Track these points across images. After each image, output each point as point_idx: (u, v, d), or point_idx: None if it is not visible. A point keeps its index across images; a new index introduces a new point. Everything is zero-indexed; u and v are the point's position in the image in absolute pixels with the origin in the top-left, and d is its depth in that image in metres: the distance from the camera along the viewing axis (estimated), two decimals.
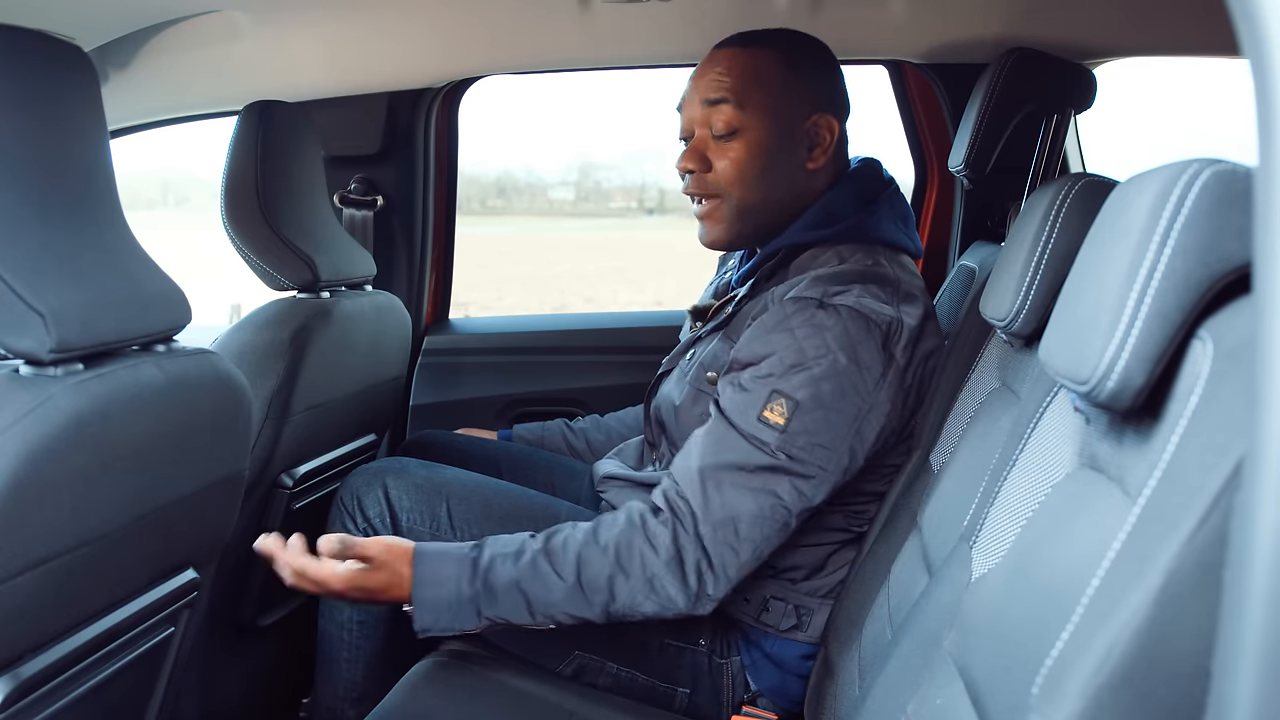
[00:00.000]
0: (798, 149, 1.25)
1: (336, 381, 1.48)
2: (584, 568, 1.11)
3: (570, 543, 1.12)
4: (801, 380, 1.11)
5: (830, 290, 1.15)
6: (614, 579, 1.11)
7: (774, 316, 1.16)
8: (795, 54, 1.26)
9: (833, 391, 1.11)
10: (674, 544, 1.11)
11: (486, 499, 1.34)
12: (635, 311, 4.18)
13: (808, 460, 1.11)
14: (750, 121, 1.23)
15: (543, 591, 1.10)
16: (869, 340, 1.13)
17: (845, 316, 1.13)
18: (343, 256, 1.52)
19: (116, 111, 1.68)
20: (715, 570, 1.11)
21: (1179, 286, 0.53)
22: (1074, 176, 0.94)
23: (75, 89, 0.90)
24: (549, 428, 1.69)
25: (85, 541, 0.86)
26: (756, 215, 1.26)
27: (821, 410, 1.11)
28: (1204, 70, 2.60)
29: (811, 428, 1.11)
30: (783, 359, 1.12)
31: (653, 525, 1.12)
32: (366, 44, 1.65)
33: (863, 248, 1.23)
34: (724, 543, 1.11)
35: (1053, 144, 1.43)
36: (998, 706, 0.61)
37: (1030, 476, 0.79)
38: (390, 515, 1.32)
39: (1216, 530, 0.45)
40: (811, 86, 1.25)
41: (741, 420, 1.12)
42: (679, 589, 1.11)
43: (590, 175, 31.12)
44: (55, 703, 0.89)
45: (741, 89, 1.23)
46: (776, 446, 1.11)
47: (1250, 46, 0.37)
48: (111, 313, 0.89)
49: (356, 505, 1.34)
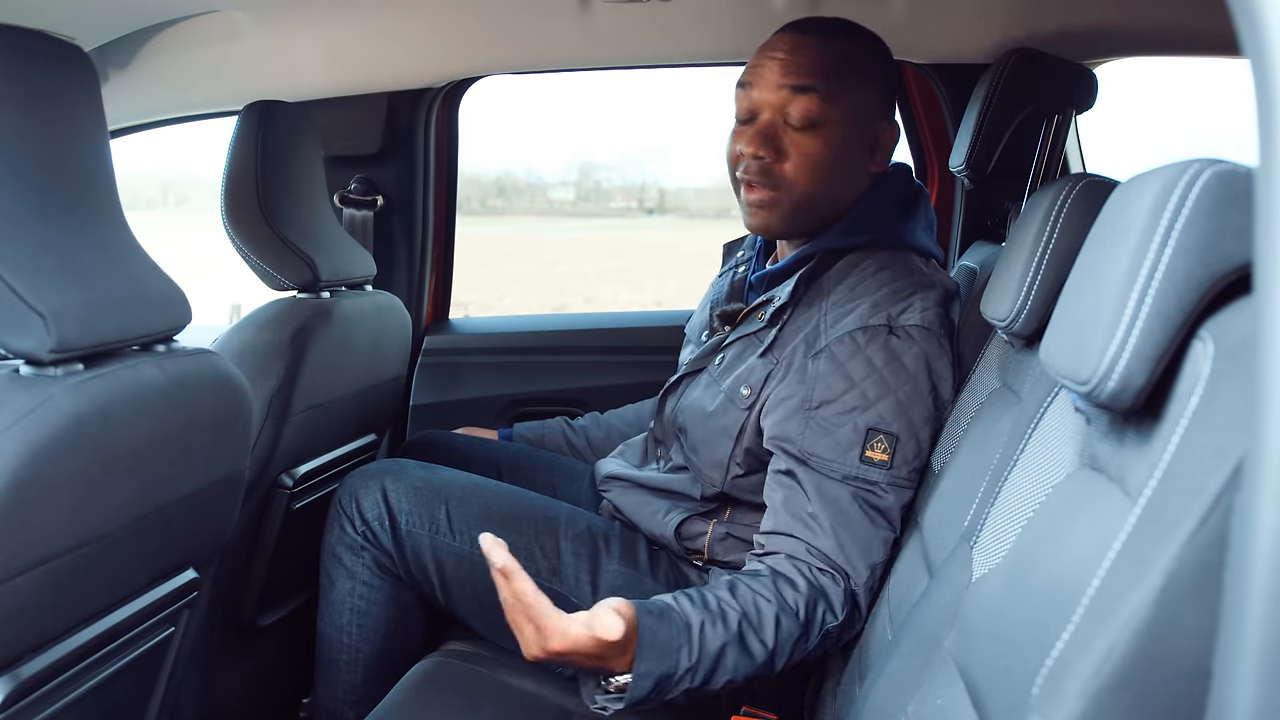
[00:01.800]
0: (864, 150, 1.23)
1: (336, 381, 1.48)
2: (780, 633, 1.06)
3: (765, 608, 1.06)
4: (891, 411, 1.13)
5: (894, 312, 1.15)
6: (799, 640, 1.08)
7: (846, 350, 1.14)
8: (870, 51, 1.23)
9: (921, 414, 1.14)
10: (847, 602, 1.11)
11: (486, 501, 1.34)
12: (635, 311, 4.18)
13: (908, 480, 1.14)
14: (834, 116, 1.18)
15: (745, 660, 1.04)
16: (943, 356, 1.16)
17: (919, 338, 1.15)
18: (343, 256, 1.52)
19: (116, 111, 1.68)
20: (862, 612, 1.12)
21: (1179, 286, 0.53)
22: (1074, 177, 0.94)
23: (75, 89, 0.90)
24: (549, 426, 1.69)
25: (85, 541, 0.86)
26: (811, 212, 1.22)
27: (914, 437, 1.14)
28: (1204, 70, 2.59)
29: (910, 455, 1.14)
30: (866, 393, 1.13)
31: (825, 581, 1.10)
32: (366, 44, 1.65)
33: (899, 255, 1.23)
34: (869, 589, 1.13)
35: (1053, 144, 1.42)
36: (998, 707, 0.61)
37: (1031, 477, 0.79)
38: (389, 517, 1.32)
39: (1217, 530, 0.45)
40: (883, 89, 1.24)
41: (843, 465, 1.13)
42: (844, 637, 1.12)
43: (590, 175, 31.12)
44: (55, 703, 0.89)
45: (831, 80, 1.17)
46: (888, 484, 1.13)
47: (1250, 46, 0.37)
48: (111, 313, 0.89)
49: (355, 507, 1.34)
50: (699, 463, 1.26)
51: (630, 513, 1.34)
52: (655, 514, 1.30)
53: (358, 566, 1.34)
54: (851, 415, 1.12)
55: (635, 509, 1.33)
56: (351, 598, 1.34)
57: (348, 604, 1.34)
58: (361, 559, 1.34)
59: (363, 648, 1.36)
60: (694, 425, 1.27)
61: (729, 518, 1.27)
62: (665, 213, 24.95)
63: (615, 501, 1.38)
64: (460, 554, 1.31)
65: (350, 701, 1.36)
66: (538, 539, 1.31)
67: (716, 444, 1.23)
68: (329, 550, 1.36)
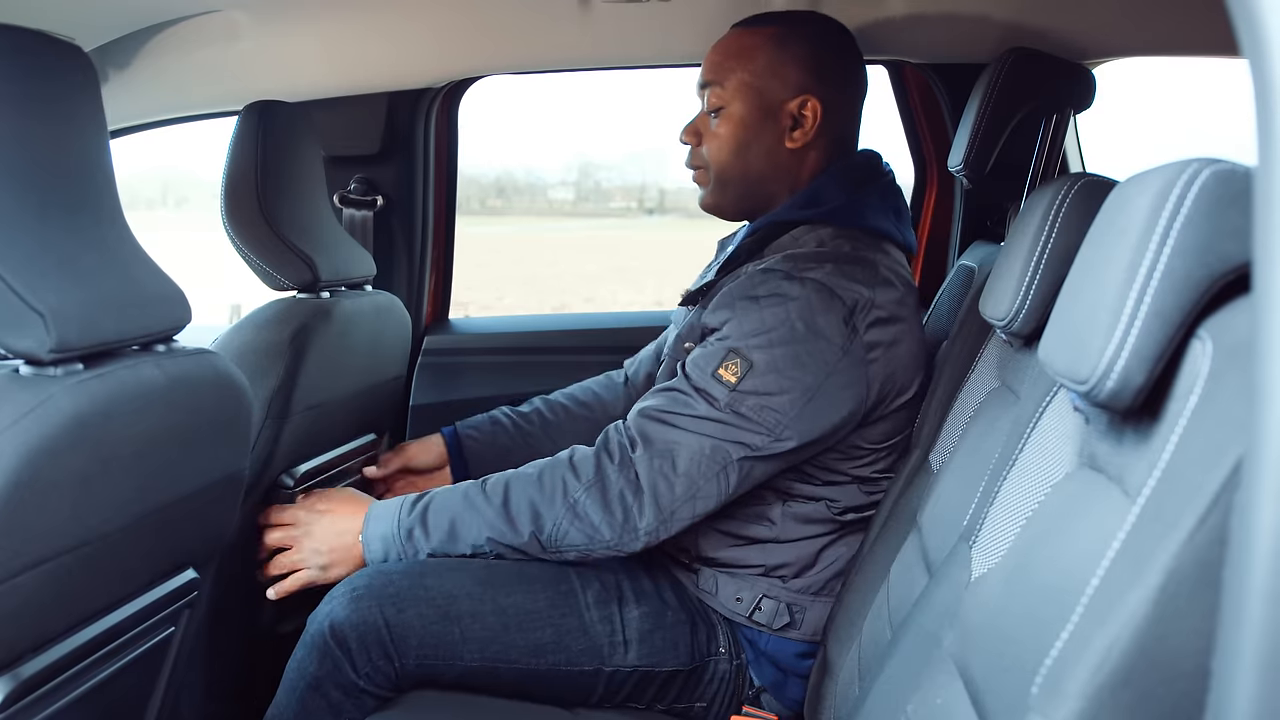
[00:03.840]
0: (778, 127, 1.28)
1: (336, 381, 1.48)
2: (510, 493, 1.16)
3: (503, 476, 1.19)
4: (758, 343, 1.14)
5: (801, 265, 1.18)
6: (537, 503, 1.15)
7: (742, 286, 1.19)
8: (791, 34, 1.29)
9: (787, 357, 1.13)
10: (597, 470, 1.14)
11: (499, 606, 1.20)
12: (635, 312, 4.18)
13: (755, 420, 1.14)
14: (731, 99, 1.29)
15: (473, 517, 1.16)
16: (830, 313, 1.15)
17: (810, 289, 1.15)
18: (342, 256, 1.52)
19: (116, 111, 1.68)
20: (645, 499, 1.13)
21: (1178, 286, 0.53)
22: (1073, 176, 0.94)
23: (75, 89, 0.90)
24: (495, 418, 1.56)
25: (85, 541, 0.86)
26: (736, 187, 1.32)
27: (775, 374, 1.13)
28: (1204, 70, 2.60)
29: (762, 389, 1.13)
30: (742, 323, 1.16)
31: (581, 453, 1.17)
32: (366, 44, 1.64)
33: (844, 233, 1.24)
34: (658, 472, 1.13)
35: (1052, 144, 1.42)
36: (997, 706, 0.61)
37: (1030, 476, 0.79)
38: (396, 653, 1.16)
39: (1216, 529, 0.45)
40: (799, 67, 1.27)
41: (697, 375, 1.16)
42: (602, 516, 1.13)
43: (590, 175, 31.10)
44: (55, 703, 0.88)
45: (725, 69, 1.29)
46: (726, 403, 1.14)
47: (1250, 46, 0.37)
48: (111, 313, 0.89)
49: (360, 646, 1.16)
50: None
51: None
52: None
53: (348, 708, 1.16)
54: (724, 340, 1.17)
55: None
56: None
57: None
58: (359, 703, 1.16)
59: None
60: None
61: None
62: (665, 213, 24.92)
63: None
64: (475, 669, 1.21)
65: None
66: (562, 625, 1.20)
67: None
68: (311, 682, 1.16)
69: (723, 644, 1.27)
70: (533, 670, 1.20)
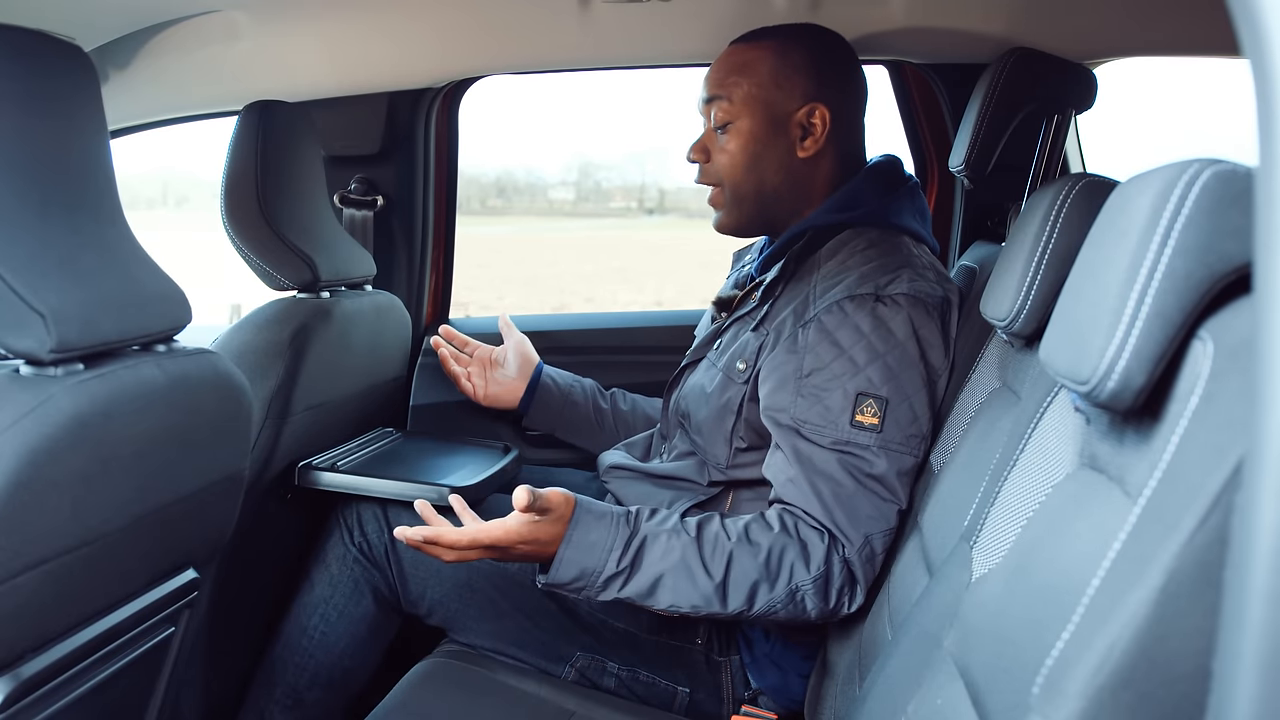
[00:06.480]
0: (788, 138, 1.29)
1: (336, 382, 1.48)
2: (733, 569, 1.10)
3: (722, 540, 1.11)
4: (880, 376, 1.14)
5: (881, 283, 1.18)
6: (758, 584, 1.11)
7: (834, 319, 1.17)
8: (791, 45, 1.29)
9: (912, 380, 1.15)
10: (826, 562, 1.11)
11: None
12: (639, 311, 4.17)
13: (904, 446, 1.15)
14: (739, 114, 1.29)
15: (687, 585, 1.10)
16: (930, 323, 1.18)
17: (905, 305, 1.17)
18: (342, 256, 1.52)
19: (116, 111, 1.68)
20: (859, 589, 1.13)
21: (1179, 286, 0.53)
22: (1074, 176, 0.94)
23: (75, 89, 0.90)
24: (579, 380, 1.66)
25: (85, 541, 0.86)
26: (753, 201, 1.32)
27: (907, 402, 1.15)
28: (1204, 70, 2.60)
29: (903, 419, 1.15)
30: (854, 359, 1.15)
31: (807, 534, 1.12)
32: (366, 44, 1.64)
33: (890, 234, 1.26)
34: (866, 560, 1.13)
35: (1053, 144, 1.42)
36: (998, 706, 0.61)
37: (1030, 477, 0.79)
38: (390, 541, 1.34)
39: (1217, 530, 0.45)
40: (803, 77, 1.28)
41: (834, 430, 1.14)
42: (817, 605, 1.12)
43: (590, 175, 31.11)
44: (55, 703, 0.88)
45: (731, 84, 1.30)
46: (879, 448, 1.13)
47: (1250, 46, 0.37)
48: (111, 313, 0.89)
49: (355, 520, 1.36)
50: (704, 443, 1.28)
51: (633, 504, 1.34)
52: (659, 505, 1.30)
53: (343, 577, 1.35)
54: (840, 381, 1.15)
55: (639, 500, 1.33)
56: (325, 605, 1.35)
57: (319, 610, 1.35)
58: (350, 571, 1.35)
59: (317, 654, 1.35)
60: (696, 407, 1.31)
61: (730, 507, 1.28)
62: (665, 213, 24.95)
63: (618, 492, 1.38)
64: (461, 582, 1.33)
65: (284, 705, 1.35)
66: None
67: (719, 421, 1.26)
68: (318, 555, 1.38)
69: (701, 636, 1.28)
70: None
